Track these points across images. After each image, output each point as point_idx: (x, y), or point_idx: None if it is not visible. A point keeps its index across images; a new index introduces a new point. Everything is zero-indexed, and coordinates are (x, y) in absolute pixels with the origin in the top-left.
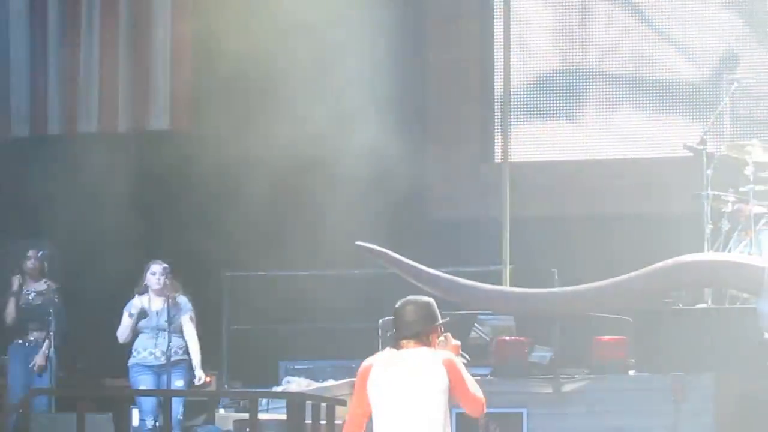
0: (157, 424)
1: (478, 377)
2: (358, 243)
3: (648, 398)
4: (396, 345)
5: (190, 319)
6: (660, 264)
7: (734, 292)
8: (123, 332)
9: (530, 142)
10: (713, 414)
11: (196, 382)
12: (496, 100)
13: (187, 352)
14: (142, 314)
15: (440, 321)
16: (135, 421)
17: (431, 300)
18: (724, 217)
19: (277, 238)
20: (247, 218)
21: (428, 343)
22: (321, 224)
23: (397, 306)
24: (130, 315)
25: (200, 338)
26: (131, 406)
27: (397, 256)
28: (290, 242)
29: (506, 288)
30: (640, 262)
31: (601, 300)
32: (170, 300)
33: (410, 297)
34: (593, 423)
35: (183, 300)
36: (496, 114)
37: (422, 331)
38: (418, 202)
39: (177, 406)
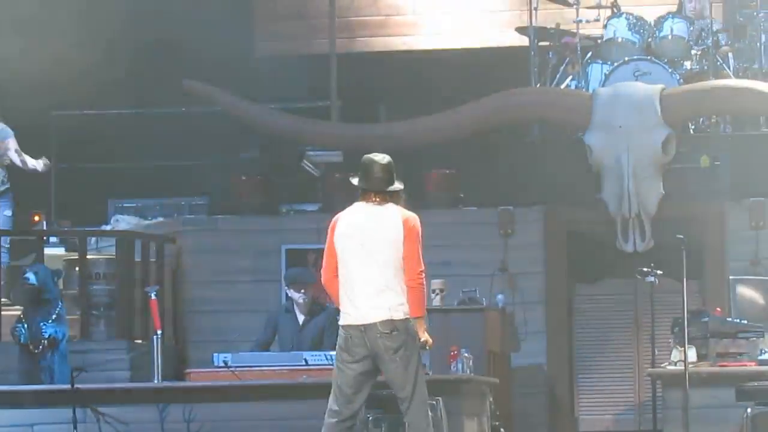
0: None
1: (307, 212)
2: (185, 81)
3: (477, 232)
4: (364, 197)
5: (13, 144)
6: (489, 98)
7: (562, 124)
8: None
9: None
10: (542, 246)
11: (41, 168)
12: None
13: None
14: None
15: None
16: None
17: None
18: (550, 51)
19: (103, 76)
20: (76, 56)
21: (395, 200)
22: (147, 62)
23: (365, 161)
24: None
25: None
26: None
27: (225, 94)
28: (116, 80)
29: (335, 123)
30: (467, 96)
31: (431, 134)
32: None
33: (377, 155)
34: (423, 257)
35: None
36: None
37: (387, 189)
38: (244, 39)
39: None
